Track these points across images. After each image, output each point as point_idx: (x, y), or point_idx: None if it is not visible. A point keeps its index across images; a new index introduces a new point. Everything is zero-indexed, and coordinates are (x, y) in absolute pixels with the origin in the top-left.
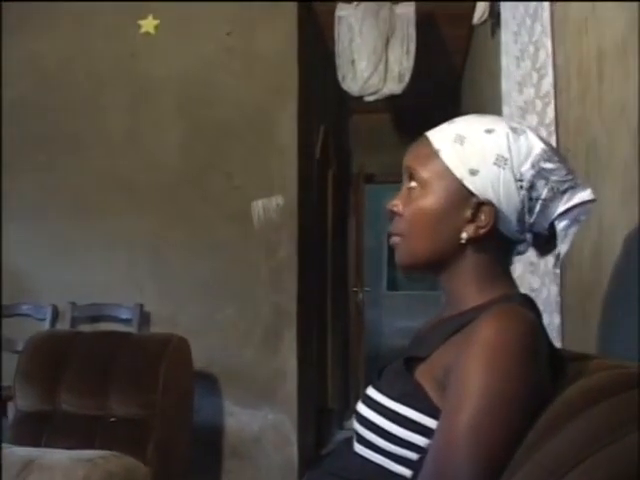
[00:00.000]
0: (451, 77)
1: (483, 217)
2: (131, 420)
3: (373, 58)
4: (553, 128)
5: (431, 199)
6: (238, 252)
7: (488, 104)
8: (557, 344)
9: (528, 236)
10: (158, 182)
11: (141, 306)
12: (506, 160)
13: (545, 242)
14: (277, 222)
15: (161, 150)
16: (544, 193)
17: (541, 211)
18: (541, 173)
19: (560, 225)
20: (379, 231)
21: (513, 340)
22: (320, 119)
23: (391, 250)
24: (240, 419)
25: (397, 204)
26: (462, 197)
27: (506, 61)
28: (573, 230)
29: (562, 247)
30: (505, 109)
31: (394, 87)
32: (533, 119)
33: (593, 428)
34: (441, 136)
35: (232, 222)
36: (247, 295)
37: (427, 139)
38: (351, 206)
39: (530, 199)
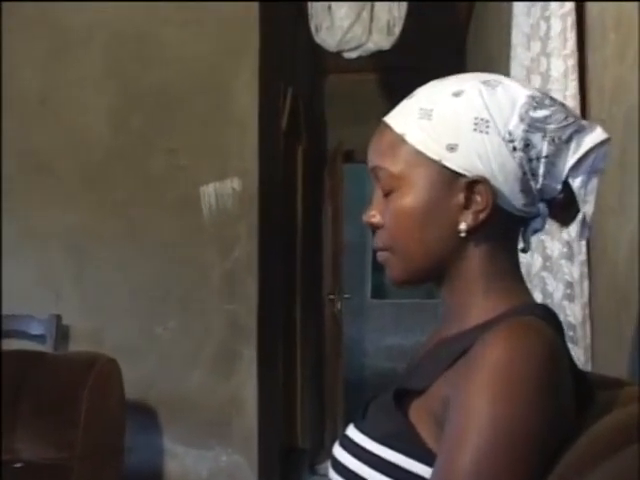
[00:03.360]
0: (453, 29)
1: (479, 198)
2: (44, 466)
3: (355, 3)
4: (572, 90)
5: (411, 196)
6: (183, 250)
7: (497, 63)
8: (585, 363)
9: (541, 207)
10: (81, 161)
11: (58, 318)
12: (487, 121)
13: (563, 208)
14: (233, 212)
15: (85, 120)
16: (545, 148)
17: (548, 171)
18: (534, 125)
19: (576, 182)
20: (361, 222)
21: (527, 364)
22: (287, 81)
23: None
24: (184, 462)
25: (373, 214)
26: (447, 181)
27: (518, 10)
28: (594, 183)
29: (586, 208)
30: (515, 69)
31: (381, 41)
32: (553, 85)
33: (625, 476)
34: (402, 117)
35: (176, 212)
36: (194, 304)
37: (387, 126)
38: (326, 191)
39: (530, 160)
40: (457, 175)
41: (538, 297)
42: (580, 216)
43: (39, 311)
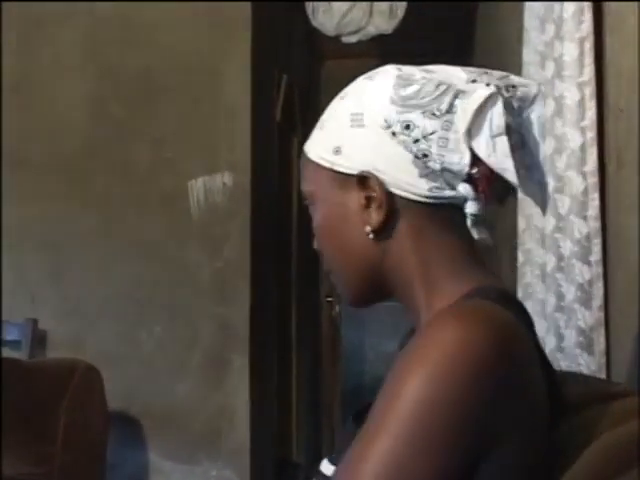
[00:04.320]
0: (461, 12)
1: (374, 194)
2: None
3: None
4: (588, 75)
5: (320, 214)
6: (169, 249)
7: (508, 48)
8: (597, 371)
9: (462, 188)
10: (58, 152)
11: (33, 322)
12: (361, 115)
13: (487, 183)
14: (223, 208)
15: (62, 108)
16: (428, 124)
17: (443, 147)
18: (407, 104)
19: (481, 151)
20: None
21: (469, 349)
22: (282, 68)
23: None
24: (171, 478)
25: (314, 241)
26: (343, 187)
27: None
28: (502, 146)
29: (508, 175)
30: (528, 55)
31: (383, 24)
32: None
33: None
34: (310, 137)
35: (161, 208)
36: (182, 308)
37: (304, 151)
38: None
39: (416, 141)
40: (349, 177)
41: (551, 300)
42: (540, 190)
43: (13, 315)
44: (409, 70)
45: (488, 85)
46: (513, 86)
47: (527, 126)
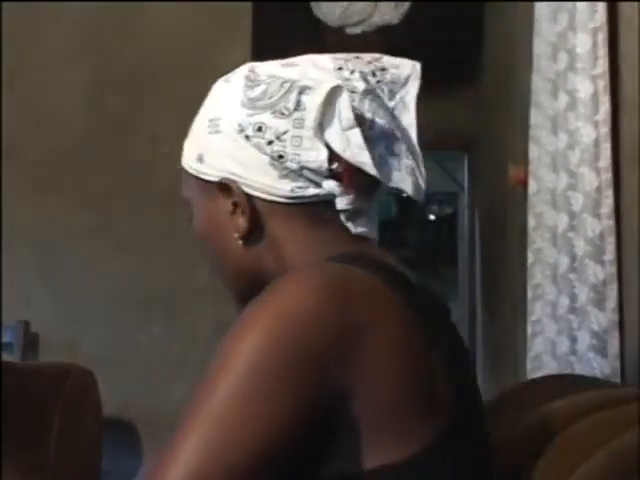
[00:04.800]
0: (470, 2)
1: (237, 198)
2: None
3: None
4: (602, 67)
5: (196, 219)
6: (168, 248)
7: (518, 40)
8: (612, 375)
9: (326, 185)
10: (52, 148)
11: (26, 324)
12: (217, 120)
13: (349, 178)
14: None
15: (55, 101)
16: (279, 124)
17: (297, 145)
18: (256, 105)
19: (334, 145)
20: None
21: (293, 308)
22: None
23: (384, 246)
24: None
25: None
26: (211, 194)
27: None
28: (355, 138)
29: (367, 168)
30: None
31: (388, 15)
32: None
33: None
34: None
35: (159, 204)
36: (180, 309)
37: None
38: None
39: (270, 143)
40: (213, 184)
41: (565, 302)
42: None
43: (5, 316)
44: (261, 69)
45: (352, 72)
46: (383, 69)
47: (400, 109)
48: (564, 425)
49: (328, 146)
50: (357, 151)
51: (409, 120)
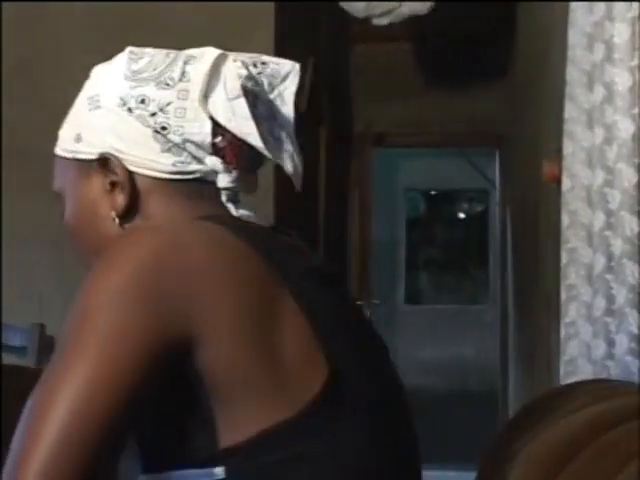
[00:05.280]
0: None
1: (115, 177)
2: None
3: None
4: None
5: (69, 208)
6: None
7: (552, 30)
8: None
9: (209, 161)
10: None
11: (41, 327)
12: (97, 96)
13: (234, 153)
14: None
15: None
16: (162, 96)
17: (181, 117)
18: (139, 77)
19: (219, 117)
20: (395, 216)
21: (132, 258)
22: (307, 52)
23: (411, 245)
24: None
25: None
26: (88, 174)
27: None
28: (240, 109)
29: (250, 138)
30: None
31: (416, 5)
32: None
33: None
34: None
35: None
36: None
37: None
38: (353, 180)
39: (153, 114)
40: (91, 163)
41: (601, 303)
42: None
43: (19, 320)
44: (137, 48)
45: (235, 61)
46: (263, 62)
47: (279, 102)
48: (600, 432)
49: (213, 119)
50: (242, 121)
51: (288, 114)
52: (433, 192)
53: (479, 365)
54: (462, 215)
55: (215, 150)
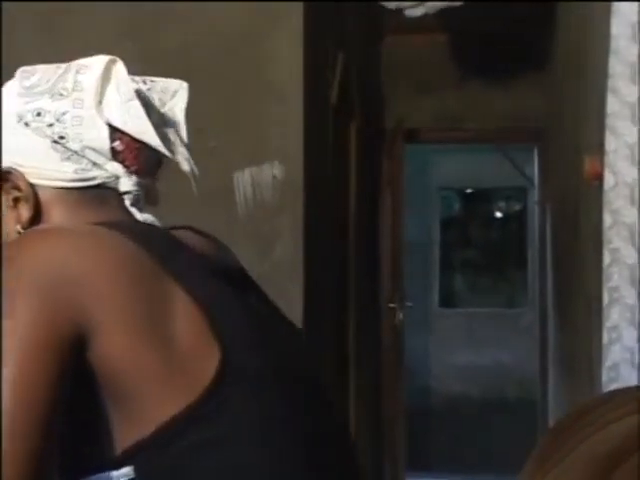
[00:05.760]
0: None
1: (17, 192)
2: None
3: None
4: None
5: None
6: None
7: (595, 22)
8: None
9: (111, 167)
10: None
11: None
12: None
13: (135, 157)
14: (273, 204)
15: None
16: (57, 106)
17: (78, 125)
18: (32, 92)
19: (114, 116)
20: (428, 215)
21: (19, 262)
22: (337, 45)
23: (446, 246)
24: None
25: None
26: None
27: None
28: (134, 107)
29: (146, 137)
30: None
31: None
32: None
33: None
34: None
35: (203, 204)
36: None
37: None
38: (385, 178)
39: (51, 125)
40: None
41: None
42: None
43: None
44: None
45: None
46: (152, 80)
47: (170, 117)
48: None
49: (109, 124)
50: (138, 121)
51: (180, 129)
52: (468, 190)
53: (517, 371)
54: (499, 214)
55: (114, 155)
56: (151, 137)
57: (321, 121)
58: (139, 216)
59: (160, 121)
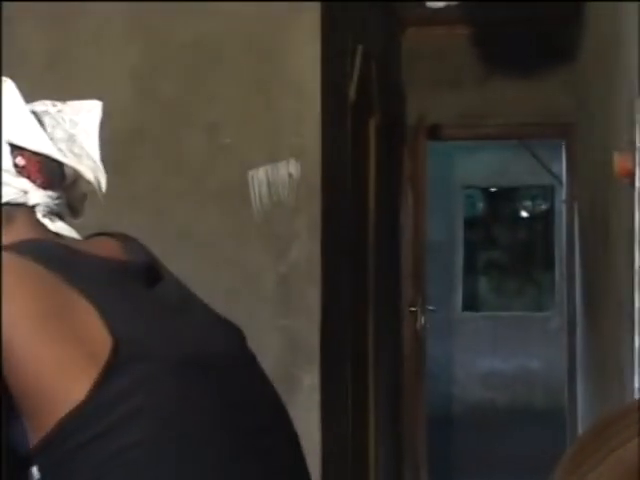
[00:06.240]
0: None
1: None
2: None
3: None
4: None
5: None
6: (227, 251)
7: (624, 14)
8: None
9: (16, 182)
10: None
11: None
12: None
13: (40, 170)
14: (289, 203)
15: (103, 87)
16: None
17: None
18: None
19: (12, 135)
20: (451, 215)
21: None
22: (357, 37)
23: (470, 247)
24: None
25: None
26: None
27: None
28: (27, 121)
29: (43, 148)
30: None
31: None
32: None
33: None
34: None
35: (217, 203)
36: (242, 319)
37: None
38: (406, 176)
39: None
40: None
41: None
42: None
43: None
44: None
45: (32, 102)
46: (64, 102)
47: (84, 136)
48: None
49: (9, 143)
50: (32, 134)
51: (93, 145)
52: (493, 189)
53: (544, 378)
54: (525, 214)
55: (18, 170)
56: (47, 147)
57: (339, 117)
58: (52, 226)
59: (67, 138)
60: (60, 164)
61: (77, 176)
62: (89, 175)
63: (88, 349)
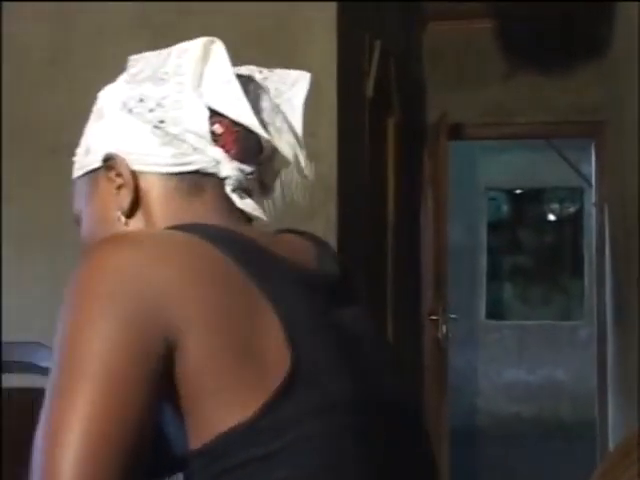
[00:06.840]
0: None
1: (120, 179)
2: None
3: None
4: None
5: (84, 225)
6: None
7: None
8: None
9: (212, 152)
10: None
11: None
12: (101, 108)
13: (235, 142)
14: (305, 206)
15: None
16: (158, 91)
17: (178, 109)
18: (138, 78)
19: (212, 98)
20: (474, 218)
21: (99, 268)
22: (375, 33)
23: (494, 252)
24: None
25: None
26: (97, 184)
27: None
28: (231, 88)
29: (243, 119)
30: None
31: None
32: None
33: None
34: None
35: None
36: None
37: None
38: (426, 177)
39: (151, 110)
40: (99, 170)
41: None
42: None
43: (48, 338)
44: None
45: (239, 66)
46: (270, 70)
47: (287, 108)
48: None
49: (209, 108)
50: (235, 102)
51: (296, 121)
52: (518, 191)
53: (572, 390)
54: (552, 217)
55: (214, 138)
56: (248, 118)
57: (356, 116)
58: (239, 203)
59: (271, 109)
60: (258, 136)
61: (274, 150)
62: (288, 152)
63: (264, 363)
